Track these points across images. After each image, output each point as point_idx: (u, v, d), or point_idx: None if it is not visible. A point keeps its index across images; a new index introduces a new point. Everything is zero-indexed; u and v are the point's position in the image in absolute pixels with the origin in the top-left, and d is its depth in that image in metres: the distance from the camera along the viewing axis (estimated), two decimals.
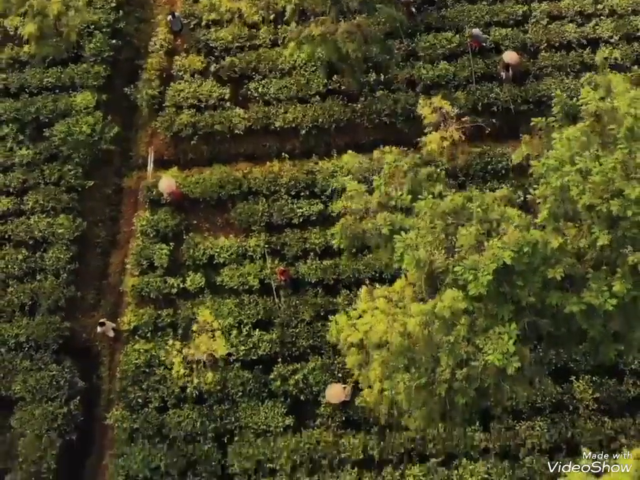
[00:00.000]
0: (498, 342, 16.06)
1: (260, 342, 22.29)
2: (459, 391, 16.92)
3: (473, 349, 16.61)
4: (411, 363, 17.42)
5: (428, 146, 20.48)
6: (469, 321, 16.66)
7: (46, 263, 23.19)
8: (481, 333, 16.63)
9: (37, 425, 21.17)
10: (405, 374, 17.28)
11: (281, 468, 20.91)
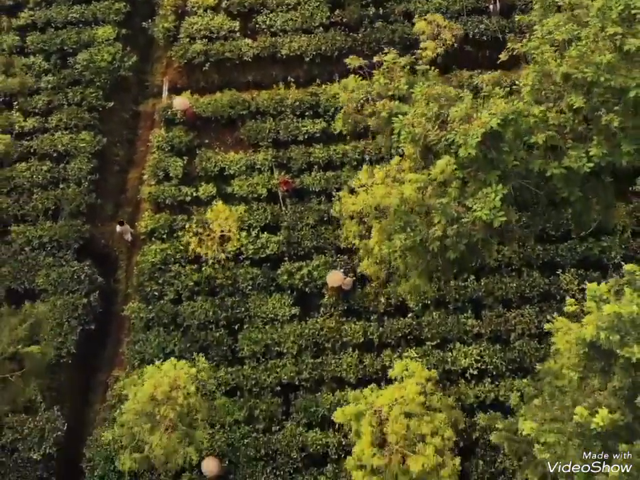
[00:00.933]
0: (485, 200, 17.69)
1: (268, 243, 23.80)
2: (450, 247, 18.47)
3: (463, 209, 18.25)
4: (407, 225, 18.99)
5: (424, 53, 22.26)
6: (459, 184, 18.30)
7: (68, 173, 24.74)
8: (471, 195, 18.28)
9: (58, 314, 22.69)
10: (401, 234, 18.86)
11: (288, 351, 22.31)
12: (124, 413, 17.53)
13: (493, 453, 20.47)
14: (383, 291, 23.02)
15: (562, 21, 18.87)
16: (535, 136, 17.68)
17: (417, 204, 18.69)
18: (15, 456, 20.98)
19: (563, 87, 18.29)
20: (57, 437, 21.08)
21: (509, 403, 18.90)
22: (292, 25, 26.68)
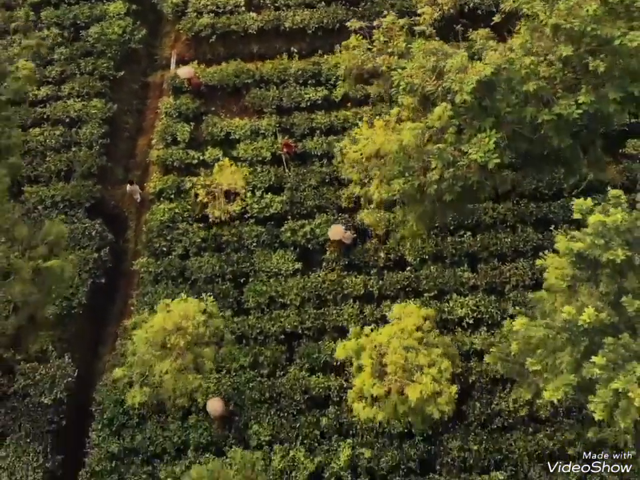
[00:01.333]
0: (480, 144, 18.57)
1: (272, 202, 24.64)
2: (446, 190, 19.35)
3: (459, 153, 19.12)
4: (405, 170, 19.82)
5: (421, 18, 23.27)
6: (455, 130, 19.19)
7: (80, 137, 25.58)
8: (466, 141, 19.16)
9: (71, 268, 23.41)
10: (400, 179, 19.71)
11: (291, 302, 23.04)
12: (135, 343, 18.27)
13: (489, 396, 21.29)
14: (382, 247, 23.86)
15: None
16: (526, 85, 18.70)
17: (415, 150, 19.61)
18: (27, 401, 21.60)
19: (552, 39, 19.31)
20: (68, 383, 21.76)
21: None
22: (295, 0, 27.82)
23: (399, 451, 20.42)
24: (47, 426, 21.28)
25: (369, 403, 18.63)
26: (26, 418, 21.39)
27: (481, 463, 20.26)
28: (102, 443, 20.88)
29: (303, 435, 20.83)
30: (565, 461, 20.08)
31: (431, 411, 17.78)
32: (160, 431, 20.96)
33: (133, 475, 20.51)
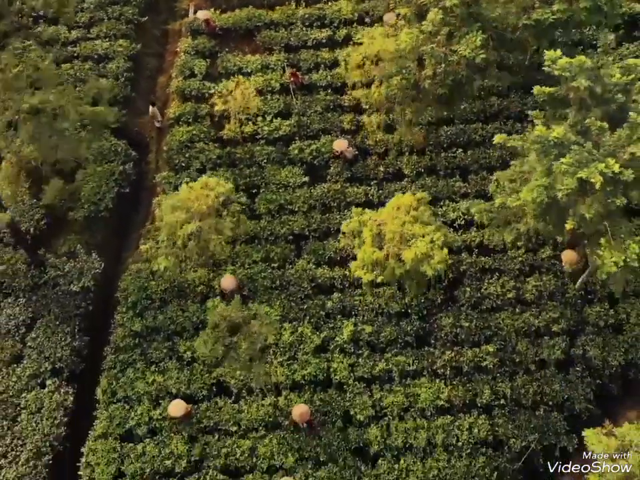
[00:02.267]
0: (468, 43, 20.84)
1: (280, 126, 26.81)
2: (439, 84, 21.58)
3: (449, 52, 21.39)
4: (402, 69, 22.06)
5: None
6: (447, 31, 21.50)
7: (107, 70, 27.93)
8: (456, 43, 21.45)
9: (97, 178, 25.52)
10: (397, 76, 21.93)
11: (299, 209, 24.93)
12: (162, 210, 20.22)
13: (479, 283, 23.10)
14: (381, 162, 25.99)
15: None
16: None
17: (410, 52, 21.91)
18: (57, 290, 23.41)
19: None
20: (95, 274, 23.59)
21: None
22: None
23: (396, 328, 22.19)
24: (74, 310, 23.08)
25: (370, 269, 20.58)
26: (55, 304, 23.19)
27: (471, 338, 21.99)
28: (126, 323, 22.67)
29: (310, 315, 22.65)
30: (550, 337, 21.98)
31: (425, 270, 19.69)
32: (180, 312, 22.79)
33: (154, 349, 22.22)
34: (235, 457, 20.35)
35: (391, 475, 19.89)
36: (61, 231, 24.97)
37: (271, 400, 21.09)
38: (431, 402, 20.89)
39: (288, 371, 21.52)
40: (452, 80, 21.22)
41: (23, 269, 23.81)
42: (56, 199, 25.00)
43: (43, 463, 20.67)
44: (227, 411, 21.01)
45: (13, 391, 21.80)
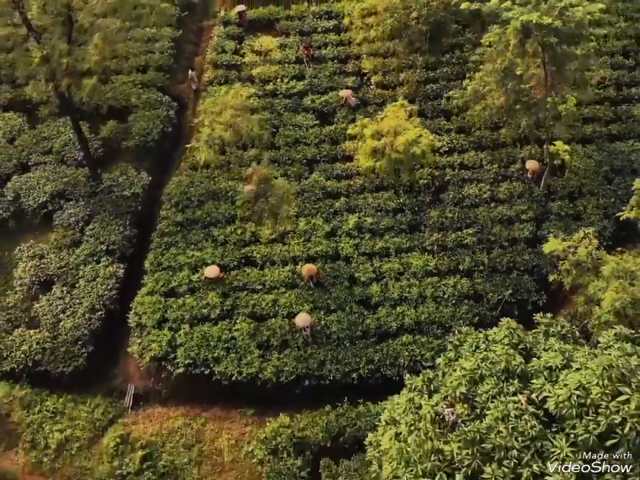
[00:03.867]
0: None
1: (296, 85, 32.10)
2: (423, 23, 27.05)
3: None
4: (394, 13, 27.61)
5: None
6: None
7: (155, 47, 33.70)
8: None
9: (146, 120, 30.46)
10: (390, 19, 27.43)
11: (311, 142, 29.45)
12: (205, 105, 25.10)
13: (460, 188, 27.49)
14: (379, 109, 31.00)
15: None
16: None
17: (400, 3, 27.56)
18: (111, 195, 27.84)
19: None
20: (143, 184, 28.11)
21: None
22: None
23: (393, 219, 26.40)
24: (126, 209, 27.33)
25: (370, 158, 25.16)
26: (110, 205, 27.40)
27: (455, 225, 26.15)
28: (170, 216, 26.86)
29: (321, 212, 26.91)
30: (520, 223, 26.16)
31: (414, 151, 24.27)
32: (214, 209, 27.08)
33: (193, 234, 26.29)
34: (260, 307, 24.04)
35: (389, 317, 23.54)
36: (115, 157, 29.67)
37: (290, 267, 25.11)
38: (422, 268, 24.84)
39: (304, 248, 25.64)
40: (433, 20, 26.82)
41: (83, 181, 28.35)
42: (112, 134, 29.98)
43: (96, 316, 24.27)
44: (253, 276, 24.87)
45: (73, 265, 25.74)
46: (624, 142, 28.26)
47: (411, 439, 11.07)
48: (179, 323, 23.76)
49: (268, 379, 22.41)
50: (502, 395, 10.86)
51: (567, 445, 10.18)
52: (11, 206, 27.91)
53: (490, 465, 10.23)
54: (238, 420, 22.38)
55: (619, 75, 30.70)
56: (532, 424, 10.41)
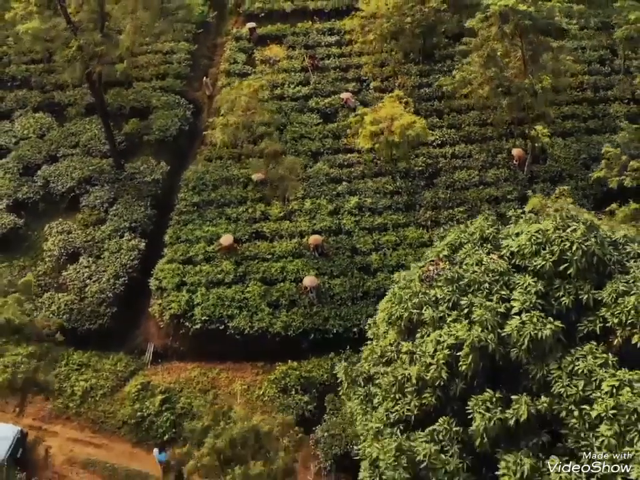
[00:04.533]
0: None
1: (301, 89, 34.86)
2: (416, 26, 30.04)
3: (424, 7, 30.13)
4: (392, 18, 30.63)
5: None
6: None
7: (173, 58, 36.71)
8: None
9: (164, 118, 33.14)
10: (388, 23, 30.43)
11: (315, 137, 32.27)
12: (222, 93, 27.80)
13: (452, 173, 29.89)
14: None
15: None
16: None
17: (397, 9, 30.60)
18: (133, 181, 30.29)
19: None
20: (162, 172, 30.62)
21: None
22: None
23: (390, 200, 28.74)
24: (147, 193, 29.73)
25: (369, 142, 27.73)
26: (132, 189, 29.78)
27: (447, 204, 28.50)
28: (187, 198, 29.24)
29: (325, 194, 29.30)
30: (506, 202, 28.45)
31: (409, 133, 26.82)
32: (227, 192, 29.47)
33: (208, 213, 28.59)
34: (270, 273, 26.12)
35: (387, 281, 25.58)
36: (137, 150, 32.24)
37: (297, 240, 27.35)
38: (417, 239, 27.07)
39: (309, 224, 27.93)
40: (425, 23, 29.84)
41: (108, 169, 30.85)
42: (134, 130, 32.67)
43: (120, 282, 26.35)
44: (263, 247, 27.06)
45: (98, 239, 27.97)
46: (600, 135, 30.93)
47: (403, 292, 13.14)
48: (196, 286, 25.84)
49: (277, 332, 24.38)
50: (477, 253, 12.99)
51: (529, 277, 12.23)
52: (41, 190, 30.37)
53: (466, 296, 12.27)
54: (250, 370, 24.23)
55: (596, 80, 33.65)
56: (500, 262, 12.49)
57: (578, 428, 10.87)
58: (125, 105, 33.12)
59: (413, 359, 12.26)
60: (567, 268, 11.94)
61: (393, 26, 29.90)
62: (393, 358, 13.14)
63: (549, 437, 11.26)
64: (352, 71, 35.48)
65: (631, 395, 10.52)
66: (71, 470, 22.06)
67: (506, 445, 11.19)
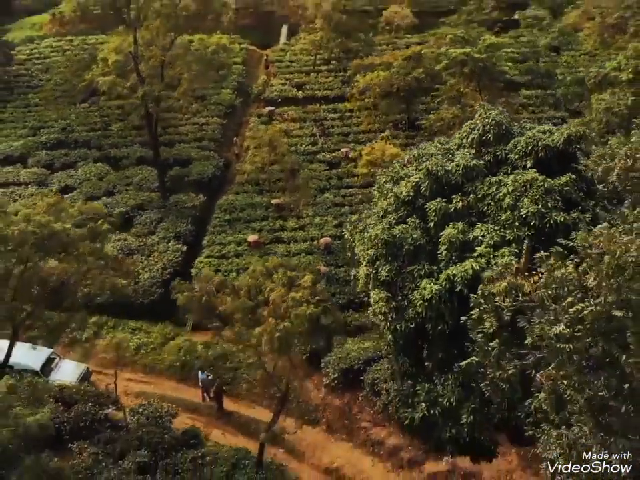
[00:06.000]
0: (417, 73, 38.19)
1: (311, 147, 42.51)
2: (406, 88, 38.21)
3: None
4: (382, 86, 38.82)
5: None
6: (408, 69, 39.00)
7: (207, 128, 44.74)
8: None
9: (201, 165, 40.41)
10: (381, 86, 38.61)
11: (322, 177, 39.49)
12: (249, 135, 35.12)
13: None
14: None
15: None
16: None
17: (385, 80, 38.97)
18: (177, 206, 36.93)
19: None
20: (200, 201, 37.43)
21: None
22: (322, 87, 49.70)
23: None
24: (187, 214, 36.22)
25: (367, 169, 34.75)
26: (176, 212, 36.38)
27: None
28: (220, 216, 35.81)
29: (331, 214, 35.86)
30: None
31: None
32: (253, 212, 36.06)
33: (237, 227, 35.04)
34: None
35: None
36: (179, 188, 39.20)
37: (309, 243, 33.58)
38: None
39: (319, 232, 34.24)
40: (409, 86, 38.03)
41: (156, 199, 37.69)
42: (177, 174, 39.92)
43: (166, 272, 32.26)
44: (282, 248, 33.24)
45: (149, 245, 34.16)
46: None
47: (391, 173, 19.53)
48: (229, 272, 31.74)
49: None
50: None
51: (466, 149, 18.60)
52: None
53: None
54: None
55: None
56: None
57: (492, 207, 16.84)
58: (169, 159, 40.80)
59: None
60: (488, 138, 18.34)
61: (383, 92, 38.05)
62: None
63: (476, 218, 17.23)
64: (351, 134, 43.58)
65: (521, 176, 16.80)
66: (126, 398, 26.70)
67: (447, 222, 17.18)
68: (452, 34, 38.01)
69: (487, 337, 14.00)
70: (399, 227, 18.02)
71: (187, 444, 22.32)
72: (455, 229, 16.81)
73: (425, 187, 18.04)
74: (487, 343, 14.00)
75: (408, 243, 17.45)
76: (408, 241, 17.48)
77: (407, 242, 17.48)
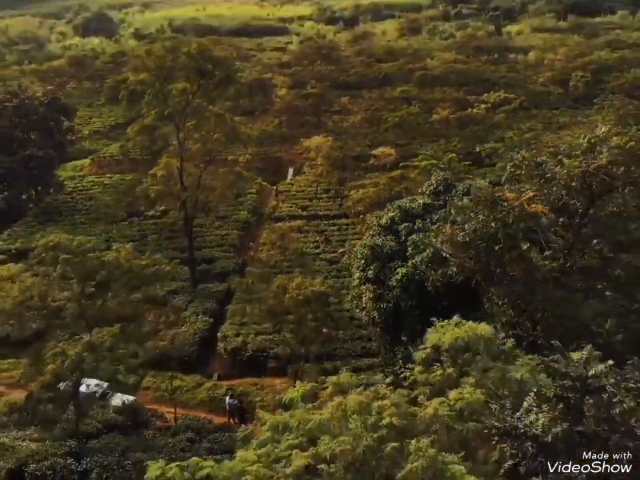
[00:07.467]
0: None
1: (316, 248, 50.34)
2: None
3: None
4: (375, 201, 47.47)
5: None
6: None
7: (227, 237, 52.93)
8: None
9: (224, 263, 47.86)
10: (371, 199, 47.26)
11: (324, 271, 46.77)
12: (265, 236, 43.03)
13: None
14: None
15: None
16: None
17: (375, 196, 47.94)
18: (204, 291, 43.89)
19: None
20: (223, 287, 44.47)
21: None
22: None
23: None
24: (213, 296, 43.25)
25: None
26: (204, 295, 43.46)
27: None
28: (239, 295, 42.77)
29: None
30: None
31: None
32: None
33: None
34: None
35: None
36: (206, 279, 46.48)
37: None
38: None
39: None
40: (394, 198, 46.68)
41: (187, 287, 44.84)
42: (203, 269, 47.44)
43: (197, 336, 38.66)
44: None
45: (183, 318, 40.82)
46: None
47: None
48: (248, 334, 38.22)
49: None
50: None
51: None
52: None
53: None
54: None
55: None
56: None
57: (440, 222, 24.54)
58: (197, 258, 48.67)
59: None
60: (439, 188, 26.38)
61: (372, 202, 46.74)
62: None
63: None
64: (348, 239, 51.82)
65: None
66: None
67: (411, 234, 24.60)
68: (424, 153, 47.61)
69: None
70: (381, 239, 25.42)
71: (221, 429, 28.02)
72: (417, 236, 24.09)
73: (398, 217, 25.60)
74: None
75: (387, 248, 24.74)
76: (387, 247, 24.77)
77: (386, 248, 24.76)
